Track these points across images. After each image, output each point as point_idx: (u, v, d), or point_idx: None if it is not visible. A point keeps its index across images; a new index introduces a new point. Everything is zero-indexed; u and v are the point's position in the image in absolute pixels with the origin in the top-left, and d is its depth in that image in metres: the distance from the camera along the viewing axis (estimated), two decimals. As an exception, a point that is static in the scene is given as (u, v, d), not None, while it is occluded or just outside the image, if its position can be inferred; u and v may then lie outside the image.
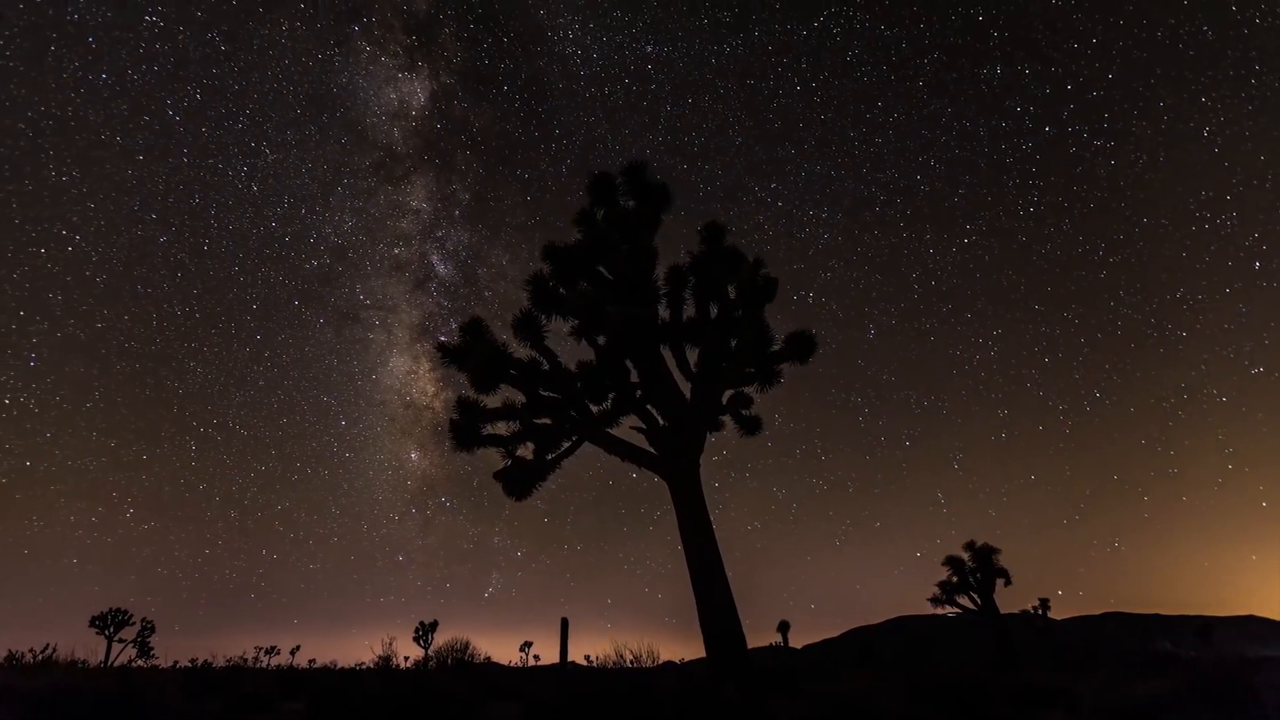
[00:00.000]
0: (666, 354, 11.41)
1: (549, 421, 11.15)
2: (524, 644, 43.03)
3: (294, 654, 42.97)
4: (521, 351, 11.01)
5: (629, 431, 11.20)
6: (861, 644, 42.90)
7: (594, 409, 11.25)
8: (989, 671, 15.09)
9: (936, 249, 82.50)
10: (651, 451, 10.82)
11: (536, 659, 42.47)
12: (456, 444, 10.98)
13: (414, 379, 75.16)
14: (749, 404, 12.30)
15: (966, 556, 24.18)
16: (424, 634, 31.21)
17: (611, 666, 11.49)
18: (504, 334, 11.05)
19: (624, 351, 10.94)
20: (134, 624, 28.68)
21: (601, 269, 11.41)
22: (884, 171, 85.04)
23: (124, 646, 28.07)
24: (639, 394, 11.18)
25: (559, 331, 11.15)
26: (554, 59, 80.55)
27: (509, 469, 11.11)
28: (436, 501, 75.72)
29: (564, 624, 12.99)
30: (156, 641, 29.68)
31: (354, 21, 70.70)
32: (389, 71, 72.78)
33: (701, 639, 9.65)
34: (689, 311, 11.69)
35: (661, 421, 11.04)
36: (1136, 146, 70.18)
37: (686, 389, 11.23)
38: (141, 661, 28.80)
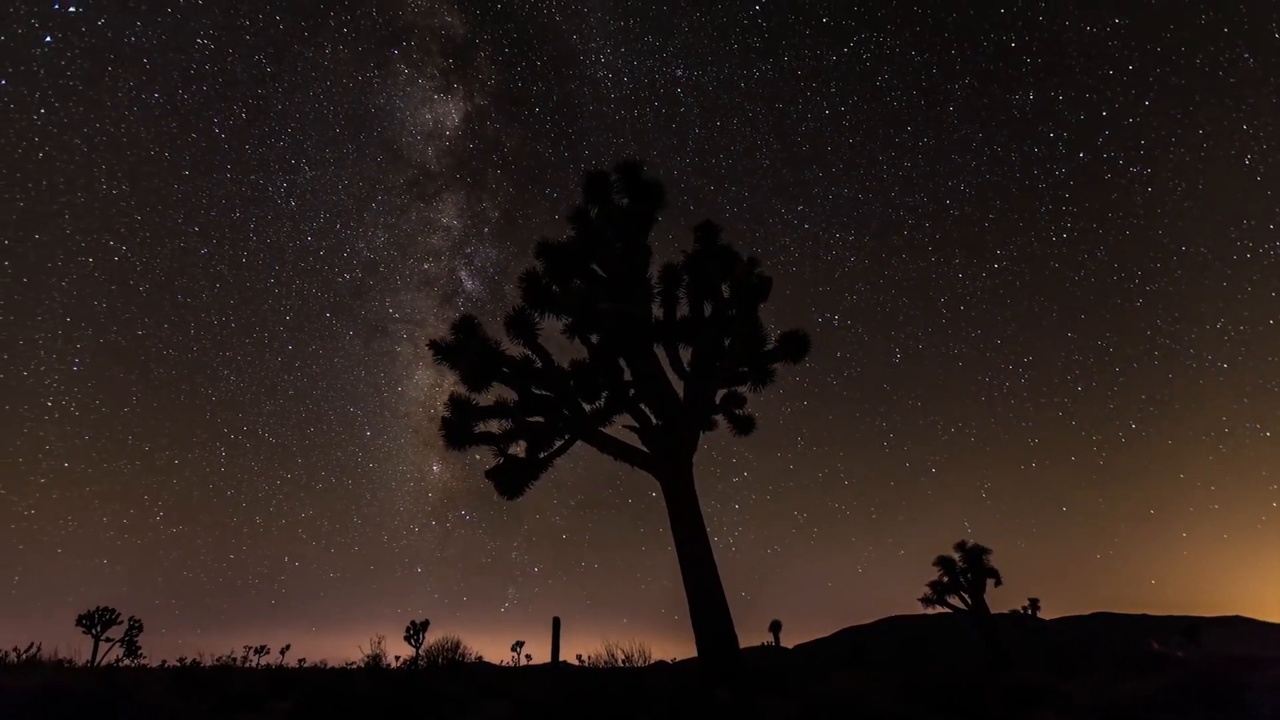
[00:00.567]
0: (660, 353, 11.38)
1: (542, 420, 11.11)
2: (516, 643, 42.93)
3: (284, 653, 42.75)
4: (514, 349, 10.97)
5: (622, 430, 11.18)
6: (853, 644, 43.02)
7: (587, 407, 11.21)
8: (980, 671, 15.14)
9: (966, 274, 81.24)
10: (644, 450, 10.78)
11: (528, 659, 42.39)
12: (448, 442, 10.92)
13: (438, 392, 76.68)
14: (742, 403, 12.29)
15: (957, 556, 24.29)
16: (415, 633, 31.06)
17: (603, 666, 11.46)
18: (498, 332, 11.00)
19: (617, 350, 10.90)
20: (121, 623, 28.41)
21: (595, 267, 11.37)
22: (913, 195, 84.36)
23: (111, 646, 27.81)
24: (632, 393, 11.14)
25: (552, 330, 11.11)
26: (585, 82, 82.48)
27: (501, 467, 11.06)
28: (456, 514, 76.60)
29: (556, 623, 12.94)
30: (145, 641, 29.41)
31: (394, 45, 74.96)
32: (425, 93, 75.49)
33: (693, 638, 9.63)
34: (683, 310, 11.67)
35: (654, 420, 11.00)
36: (1175, 174, 68.08)
37: (680, 388, 11.20)
38: (129, 661, 28.53)
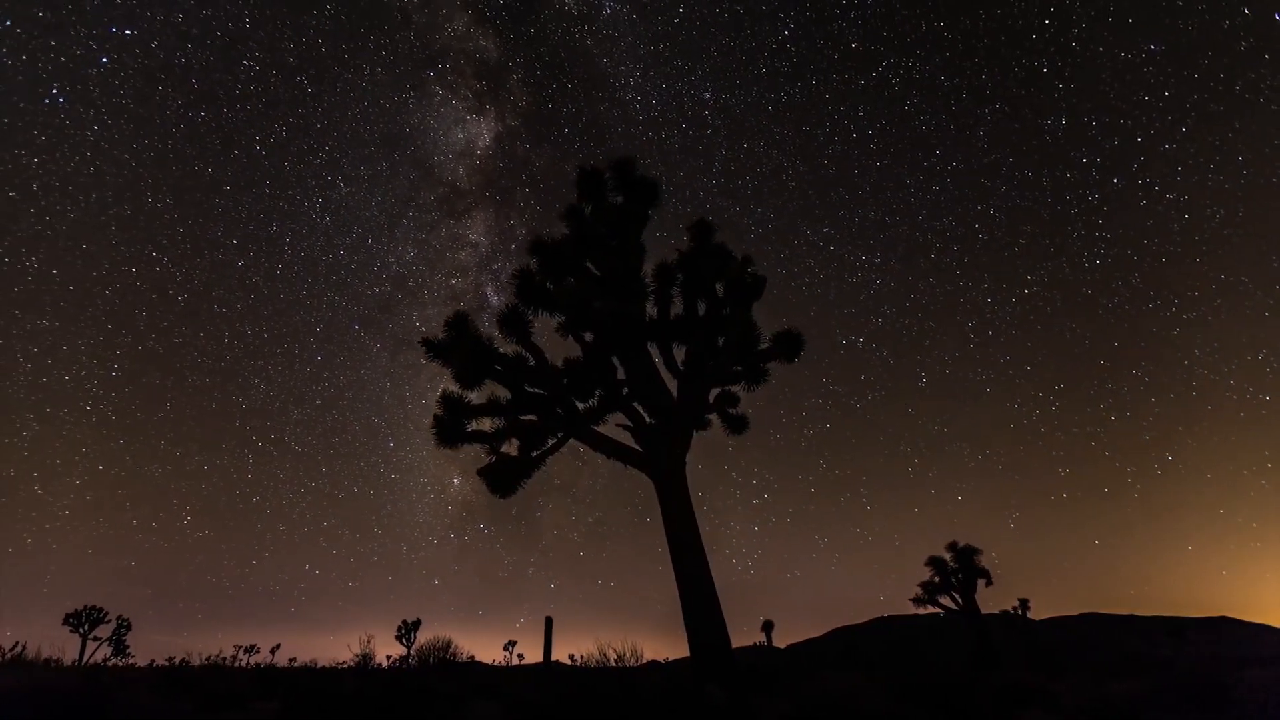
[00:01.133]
0: (653, 351, 11.34)
1: (534, 418, 11.05)
2: (508, 643, 42.83)
3: (274, 653, 42.48)
4: (507, 347, 10.91)
5: (615, 429, 11.14)
6: (845, 643, 43.17)
7: (580, 406, 11.16)
8: (971, 671, 15.20)
9: (995, 298, 79.76)
10: (637, 449, 10.75)
11: (520, 658, 42.29)
12: (440, 440, 10.84)
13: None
14: (736, 402, 12.26)
15: (949, 557, 24.40)
16: (406, 633, 30.88)
17: (595, 665, 11.42)
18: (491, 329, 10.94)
19: (611, 348, 10.86)
20: (109, 621, 28.15)
21: (589, 265, 11.32)
22: (940, 219, 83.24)
23: (98, 644, 27.54)
24: (625, 391, 11.11)
25: (546, 327, 11.06)
26: (614, 104, 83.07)
27: (493, 465, 11.00)
28: (475, 528, 77.38)
29: (548, 623, 12.89)
30: (149, 641, 29.14)
31: (430, 67, 76.90)
32: (458, 113, 77.53)
33: (686, 638, 9.60)
34: (676, 309, 11.63)
35: (648, 419, 10.97)
36: (1213, 200, 66.16)
37: (673, 387, 11.17)
38: (117, 660, 28.28)
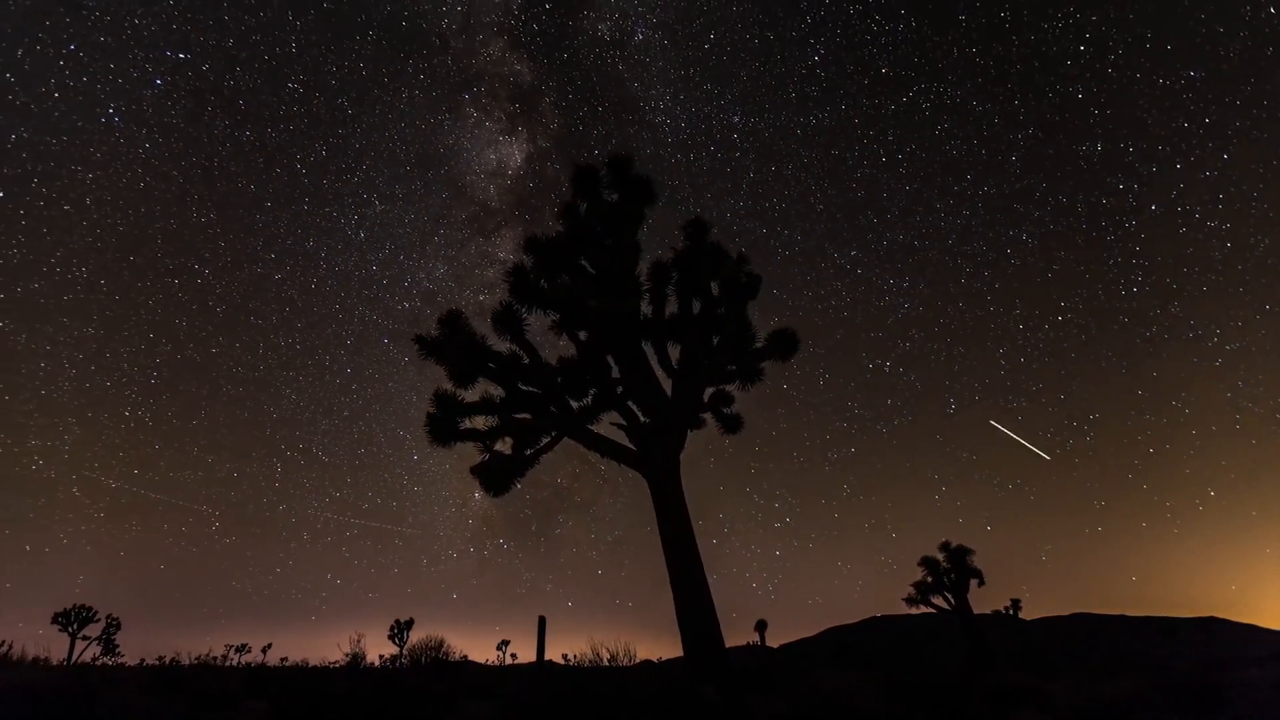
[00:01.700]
0: (648, 350, 11.31)
1: (528, 417, 11.01)
2: (501, 642, 42.75)
3: (265, 652, 42.27)
4: (501, 345, 10.85)
5: (610, 428, 11.10)
6: (838, 643, 43.25)
7: (574, 405, 11.12)
8: (964, 671, 15.23)
9: (1027, 325, 78.20)
10: (631, 448, 10.72)
11: (514, 658, 42.20)
12: (433, 438, 10.78)
13: (484, 420, 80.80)
14: (730, 402, 12.26)
15: (941, 557, 24.45)
16: (399, 632, 30.78)
17: (589, 665, 11.37)
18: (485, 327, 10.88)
19: (605, 347, 10.83)
20: (99, 620, 27.93)
21: (584, 263, 11.28)
22: (971, 243, 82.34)
23: (88, 644, 27.32)
24: (620, 390, 11.07)
25: (540, 326, 11.02)
26: (644, 127, 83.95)
27: (487, 464, 10.94)
28: (494, 543, 78.01)
29: (541, 622, 12.83)
30: (123, 639, 28.94)
31: (465, 90, 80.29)
32: (491, 135, 79.50)
33: (679, 637, 9.57)
34: (671, 308, 11.61)
35: (642, 418, 10.94)
36: (1257, 229, 64.01)
37: (668, 386, 11.15)
38: (107, 659, 28.08)
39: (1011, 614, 32.20)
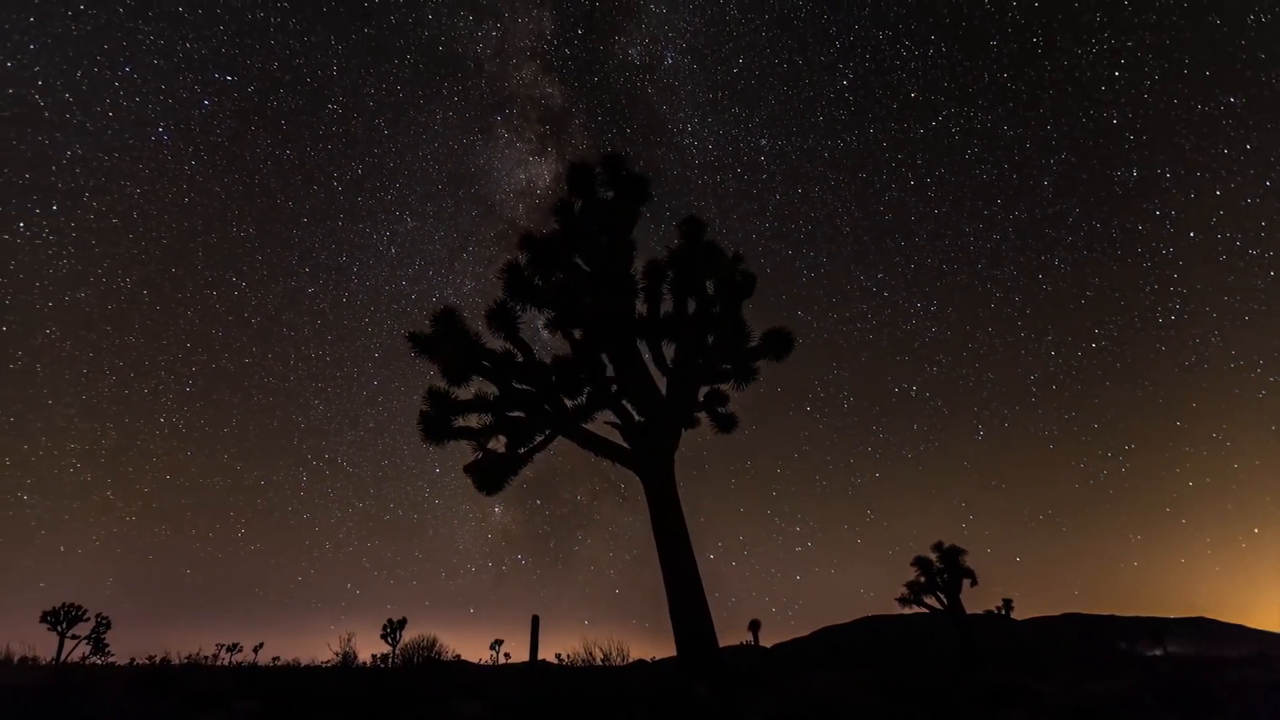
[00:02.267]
0: (643, 349, 11.27)
1: (522, 415, 10.95)
2: (494, 642, 42.68)
3: (257, 651, 42.04)
4: (495, 343, 10.79)
5: (603, 427, 11.05)
6: (830, 643, 43.36)
7: (568, 403, 11.07)
8: (956, 670, 15.27)
9: (1059, 352, 77.06)
10: (625, 447, 10.68)
11: (507, 657, 42.15)
12: (426, 436, 10.71)
13: None
14: (725, 401, 12.23)
15: (934, 557, 24.50)
16: (392, 631, 30.67)
17: (581, 665, 11.33)
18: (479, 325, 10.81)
19: (600, 345, 10.78)
20: (88, 619, 27.72)
21: (579, 261, 11.22)
22: (1001, 268, 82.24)
23: (77, 643, 27.09)
24: (614, 389, 11.02)
25: (534, 324, 10.96)
26: (672, 148, 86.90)
27: (480, 462, 10.87)
28: (512, 558, 78.38)
29: (534, 622, 12.79)
30: (112, 638, 28.73)
31: (498, 112, 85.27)
32: (521, 155, 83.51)
33: (673, 636, 9.54)
34: (666, 306, 11.56)
35: (636, 417, 10.90)
36: None
37: (662, 385, 11.10)
38: (96, 659, 27.87)
39: (1003, 614, 32.30)
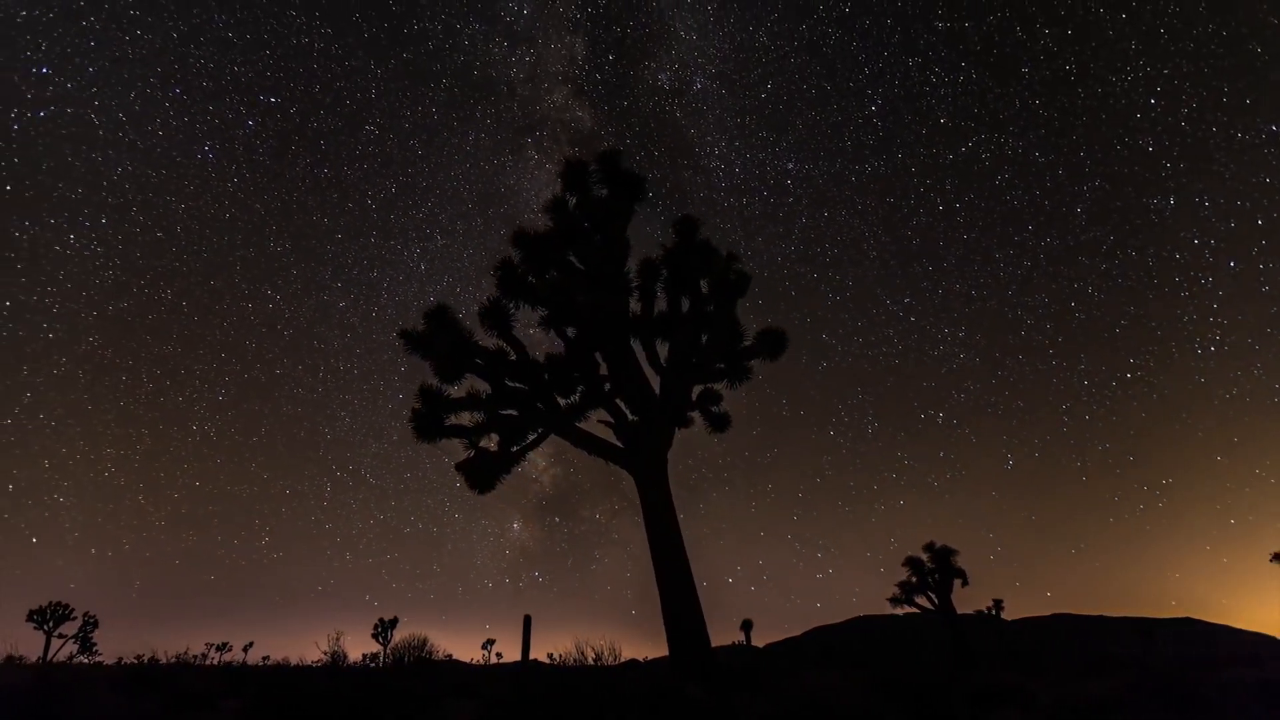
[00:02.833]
0: (636, 348, 11.22)
1: (514, 413, 10.89)
2: (486, 642, 42.50)
3: (246, 650, 41.74)
4: (488, 341, 10.72)
5: (597, 426, 11.00)
6: (823, 643, 43.43)
7: (562, 402, 11.01)
8: (947, 670, 15.30)
9: (1092, 381, 72.79)
10: (618, 445, 10.63)
11: (499, 657, 41.98)
12: (418, 434, 10.64)
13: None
14: (718, 400, 12.20)
15: (925, 557, 24.55)
16: (383, 631, 30.49)
17: (574, 665, 11.27)
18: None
19: (593, 343, 10.73)
20: (75, 618, 27.43)
21: (573, 258, 11.16)
22: (1033, 295, 77.98)
23: (64, 642, 26.81)
24: (608, 387, 10.97)
25: (528, 321, 10.90)
26: (699, 171, 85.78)
27: (472, 460, 10.81)
28: (530, 575, 78.45)
29: (526, 621, 12.71)
30: (119, 639, 28.42)
31: (529, 134, 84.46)
32: (550, 176, 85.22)
33: (665, 636, 9.51)
34: (661, 305, 11.52)
35: (630, 416, 10.86)
36: None
37: (656, 384, 11.06)
38: (84, 658, 27.59)
39: (994, 614, 32.42)
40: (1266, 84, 61.55)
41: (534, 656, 13.08)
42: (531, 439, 11.02)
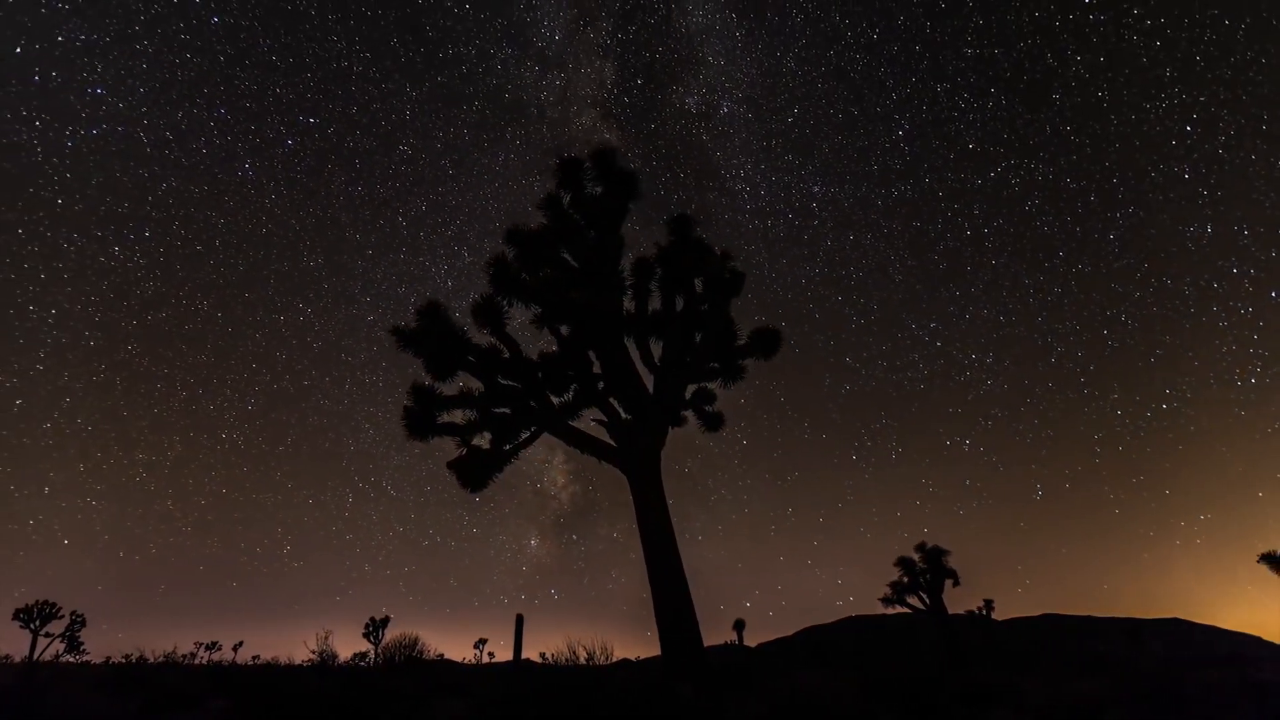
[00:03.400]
0: (630, 346, 11.18)
1: (508, 411, 10.83)
2: (478, 641, 42.38)
3: (236, 650, 41.46)
4: (481, 338, 10.66)
5: (590, 424, 10.96)
6: (814, 643, 43.53)
7: (555, 400, 10.96)
8: (939, 670, 15.36)
9: (1125, 410, 72.24)
10: (611, 444, 10.59)
11: (491, 656, 41.87)
12: (410, 432, 10.57)
13: (547, 468, 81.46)
14: (712, 400, 12.19)
15: (917, 557, 24.64)
16: (374, 630, 30.34)
17: (566, 664, 11.25)
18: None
19: (587, 341, 10.68)
20: (62, 617, 27.16)
21: (566, 256, 11.12)
22: (1063, 322, 77.30)
23: (50, 641, 26.53)
24: (601, 386, 10.93)
25: (521, 319, 10.84)
26: (724, 193, 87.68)
27: (464, 458, 10.74)
28: (546, 592, 78.60)
29: (519, 621, 12.67)
30: (87, 635, 28.16)
31: (557, 156, 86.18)
32: None
33: (657, 635, 9.47)
34: (655, 304, 11.49)
35: (623, 415, 10.82)
36: None
37: (650, 382, 11.03)
38: (71, 657, 27.34)
39: (984, 615, 32.57)
40: (1310, 112, 57.35)
41: (526, 656, 13.04)
42: (524, 437, 10.96)
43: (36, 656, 25.35)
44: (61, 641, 27.17)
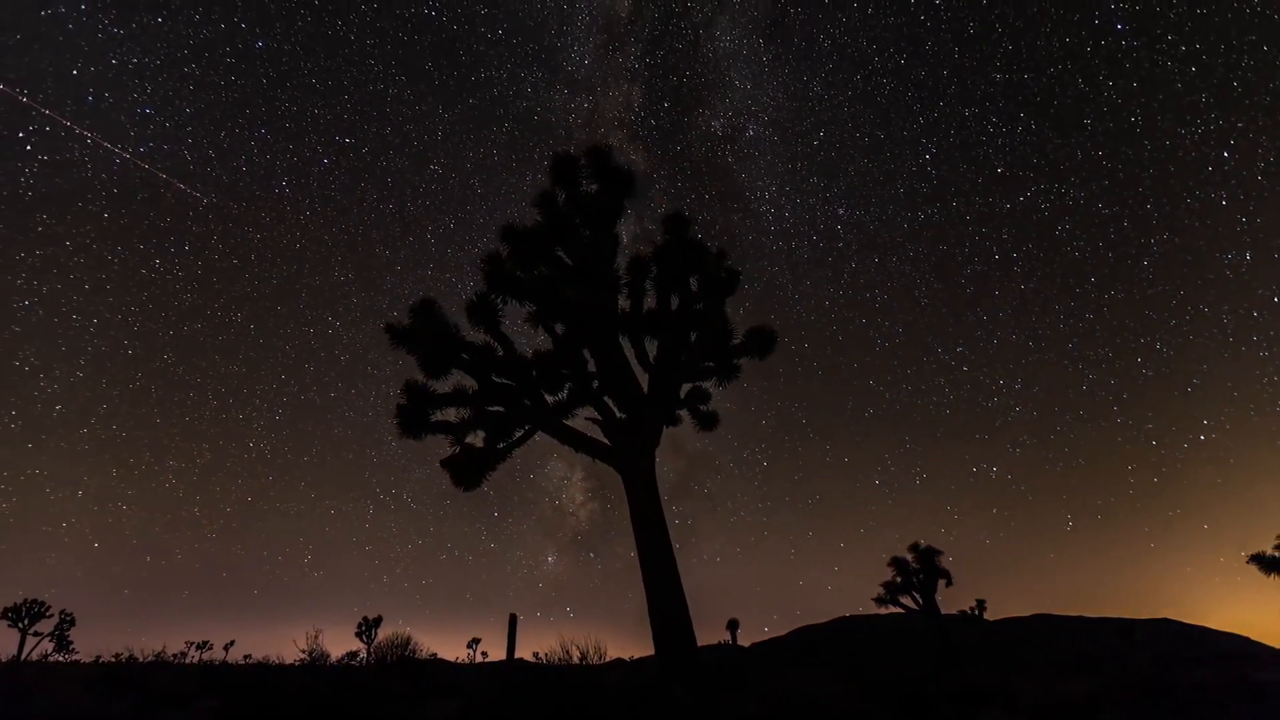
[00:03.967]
0: (625, 345, 11.14)
1: (501, 409, 10.78)
2: (472, 640, 42.25)
3: (228, 649, 41.19)
4: (475, 336, 10.61)
5: (585, 423, 10.92)
6: (808, 643, 43.60)
7: (549, 399, 10.92)
8: (932, 670, 15.39)
9: (1161, 441, 70.47)
10: (606, 443, 10.56)
11: (484, 656, 41.76)
12: (403, 430, 10.51)
13: (566, 485, 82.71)
14: (707, 399, 12.16)
15: (910, 557, 24.71)
16: (367, 629, 30.24)
17: (559, 663, 11.21)
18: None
19: (582, 340, 10.64)
20: (51, 616, 26.98)
21: (561, 253, 11.07)
22: (1095, 349, 75.68)
23: (39, 640, 26.35)
24: (596, 384, 10.90)
25: (515, 318, 10.79)
26: (748, 214, 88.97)
27: (457, 457, 10.69)
28: (562, 609, 78.88)
29: (512, 620, 12.62)
30: (77, 635, 27.97)
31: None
32: None
33: (651, 636, 9.45)
34: (650, 302, 11.45)
35: (618, 414, 10.78)
36: None
37: (644, 381, 11.00)
38: (60, 656, 27.17)
39: (977, 614, 32.69)
40: (1349, 140, 54.75)
41: (519, 655, 12.99)
42: (518, 436, 10.91)
43: (24, 655, 25.16)
44: (50, 640, 27.01)
